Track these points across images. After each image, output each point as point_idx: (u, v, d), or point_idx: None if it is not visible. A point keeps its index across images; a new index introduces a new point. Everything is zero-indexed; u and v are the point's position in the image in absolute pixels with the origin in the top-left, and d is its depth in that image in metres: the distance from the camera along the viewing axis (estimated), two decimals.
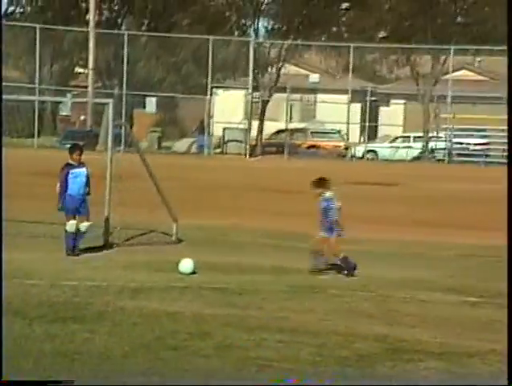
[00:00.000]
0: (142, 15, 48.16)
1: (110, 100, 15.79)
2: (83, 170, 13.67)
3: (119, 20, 49.20)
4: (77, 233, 13.52)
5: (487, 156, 45.48)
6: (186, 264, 12.10)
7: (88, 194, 13.73)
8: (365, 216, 19.38)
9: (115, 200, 14.29)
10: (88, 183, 13.70)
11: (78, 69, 52.85)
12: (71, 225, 13.48)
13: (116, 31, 46.70)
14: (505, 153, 47.27)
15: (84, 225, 13.58)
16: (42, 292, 10.37)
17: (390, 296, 11.02)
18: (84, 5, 47.60)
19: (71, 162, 13.66)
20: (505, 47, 46.22)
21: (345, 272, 12.34)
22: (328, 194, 12.45)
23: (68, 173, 13.55)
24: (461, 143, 46.30)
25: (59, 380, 6.63)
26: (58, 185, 13.64)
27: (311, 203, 12.70)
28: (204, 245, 14.80)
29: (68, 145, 14.60)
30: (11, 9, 48.29)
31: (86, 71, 47.68)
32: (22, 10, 48.04)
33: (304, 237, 15.89)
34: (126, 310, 9.68)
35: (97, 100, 41.37)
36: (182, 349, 7.99)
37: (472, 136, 46.57)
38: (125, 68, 44.96)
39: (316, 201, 12.50)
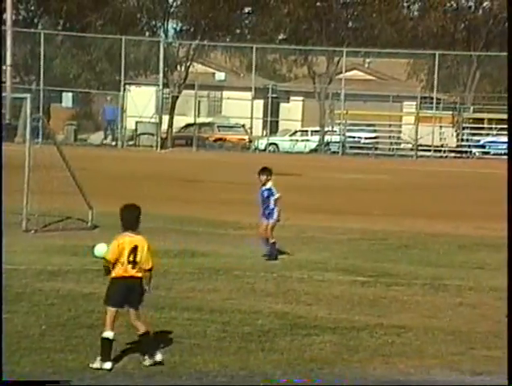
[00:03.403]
0: (57, 16, 47.34)
1: (28, 95, 15.52)
2: None
3: (35, 20, 48.26)
4: None
5: (376, 149, 46.28)
6: (100, 249, 11.94)
7: None
8: None
9: (33, 189, 14.06)
10: None
11: None
12: None
13: (32, 30, 45.75)
14: (392, 147, 48.37)
15: None
16: None
17: (288, 276, 11.14)
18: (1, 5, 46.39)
19: None
20: (391, 50, 47.41)
21: (267, 256, 12.33)
22: (269, 184, 12.53)
23: None
24: (353, 137, 47.01)
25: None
26: None
27: (216, 192, 12.74)
28: (118, 231, 14.63)
29: None
30: None
31: (4, 67, 46.55)
32: None
33: (210, 223, 15.93)
34: (44, 291, 9.56)
35: (15, 95, 40.40)
36: (97, 327, 7.93)
37: (362, 130, 47.33)
38: (41, 65, 44.12)
39: (257, 190, 12.52)
